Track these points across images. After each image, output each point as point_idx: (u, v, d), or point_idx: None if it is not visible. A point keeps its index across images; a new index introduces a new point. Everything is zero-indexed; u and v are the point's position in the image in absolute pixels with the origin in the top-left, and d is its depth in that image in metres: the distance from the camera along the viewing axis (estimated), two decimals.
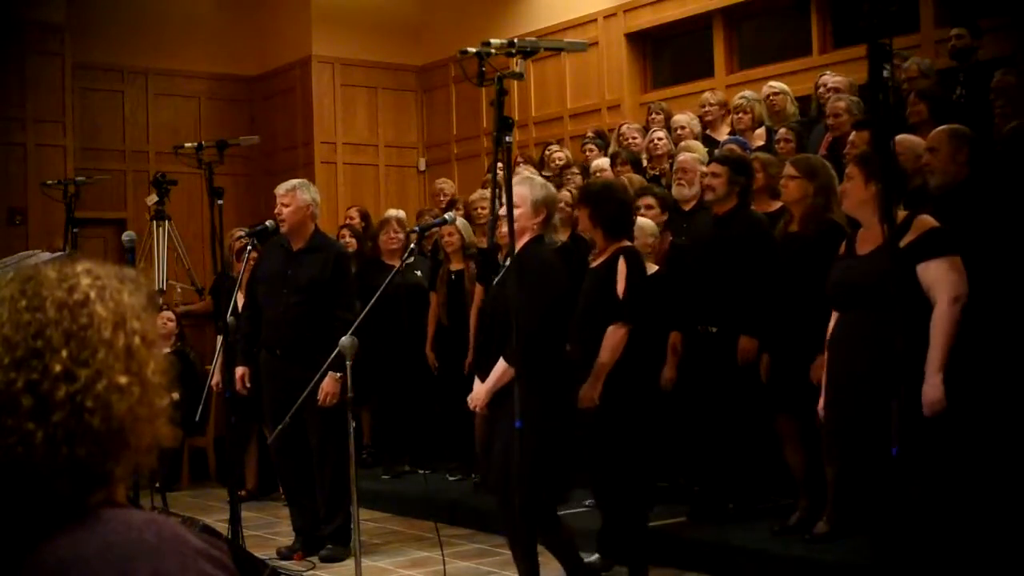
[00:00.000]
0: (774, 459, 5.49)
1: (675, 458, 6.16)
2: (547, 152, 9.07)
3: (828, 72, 7.47)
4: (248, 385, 5.99)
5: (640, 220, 5.69)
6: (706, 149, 7.13)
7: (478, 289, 6.93)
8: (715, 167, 5.66)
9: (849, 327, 4.18)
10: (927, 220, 4.07)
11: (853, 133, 5.84)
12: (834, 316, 4.34)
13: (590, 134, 9.14)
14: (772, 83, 7.62)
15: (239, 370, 5.98)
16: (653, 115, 8.43)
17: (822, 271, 4.84)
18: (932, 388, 3.89)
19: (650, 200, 5.92)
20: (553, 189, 4.67)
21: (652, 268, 5.25)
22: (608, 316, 4.89)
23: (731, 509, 5.54)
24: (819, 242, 4.96)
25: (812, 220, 5.09)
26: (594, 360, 4.89)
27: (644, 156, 7.81)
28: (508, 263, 4.36)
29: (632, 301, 4.87)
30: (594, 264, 5.14)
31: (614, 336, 4.83)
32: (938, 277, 3.95)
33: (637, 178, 6.62)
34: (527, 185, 4.52)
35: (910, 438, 3.38)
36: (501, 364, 4.33)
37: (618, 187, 5.40)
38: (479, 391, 4.46)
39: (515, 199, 4.21)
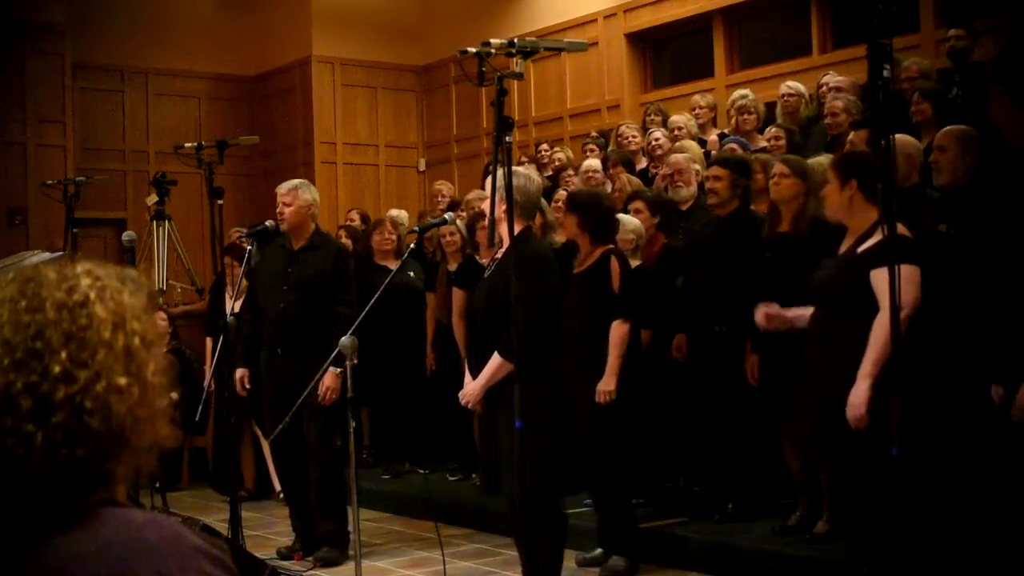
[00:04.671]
0: (774, 459, 5.49)
1: (675, 458, 6.16)
2: (540, 153, 9.07)
3: (832, 72, 7.46)
4: (248, 387, 6.00)
5: (624, 217, 5.78)
6: (701, 150, 7.15)
7: (456, 294, 6.95)
8: (716, 170, 5.65)
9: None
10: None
11: (852, 133, 5.84)
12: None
13: (594, 134, 9.14)
14: (788, 83, 7.57)
15: (239, 372, 5.99)
16: (651, 116, 8.44)
17: (808, 272, 4.83)
18: (857, 395, 3.85)
19: (639, 204, 5.95)
20: (526, 179, 4.58)
21: (634, 263, 5.42)
22: (603, 315, 5.15)
23: (731, 509, 5.54)
24: (812, 242, 4.95)
25: (803, 220, 5.10)
26: (591, 358, 5.10)
27: (644, 156, 7.83)
28: (500, 256, 4.37)
29: (629, 297, 5.17)
30: (580, 269, 5.27)
31: (619, 332, 5.14)
32: (884, 285, 3.92)
33: (636, 180, 6.63)
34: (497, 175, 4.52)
35: (908, 439, 3.39)
36: (496, 359, 4.32)
37: (604, 194, 5.67)
38: (473, 387, 4.45)
39: (487, 190, 4.21)
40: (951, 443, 4.28)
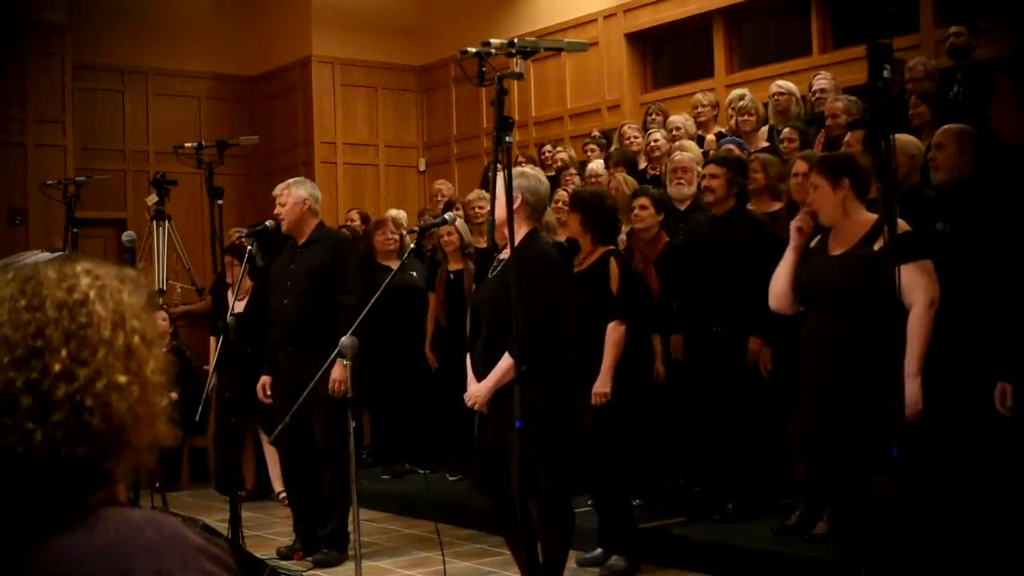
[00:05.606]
0: (774, 459, 5.50)
1: (675, 458, 6.16)
2: (544, 154, 9.07)
3: (821, 73, 7.49)
4: (269, 393, 5.97)
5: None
6: (700, 150, 7.16)
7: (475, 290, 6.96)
8: (713, 168, 5.67)
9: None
10: (899, 224, 4.09)
11: (848, 134, 5.84)
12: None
13: (596, 133, 9.14)
14: (779, 83, 7.60)
15: (263, 379, 5.98)
16: (652, 116, 8.44)
17: None
18: (910, 392, 3.89)
19: (644, 201, 5.95)
20: (535, 180, 4.59)
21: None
22: (602, 316, 5.17)
23: (731, 509, 5.54)
24: None
25: None
26: (591, 359, 5.10)
27: (643, 157, 7.83)
28: (504, 256, 4.37)
29: (627, 299, 5.18)
30: (580, 268, 5.29)
31: (615, 333, 5.15)
32: (913, 281, 3.94)
33: (632, 180, 6.63)
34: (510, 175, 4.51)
35: (905, 439, 3.39)
36: (506, 360, 4.31)
37: (607, 195, 5.68)
38: (480, 388, 4.45)
39: (498, 191, 4.20)
40: (951, 442, 4.28)
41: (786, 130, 6.83)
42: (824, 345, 4.17)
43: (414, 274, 7.60)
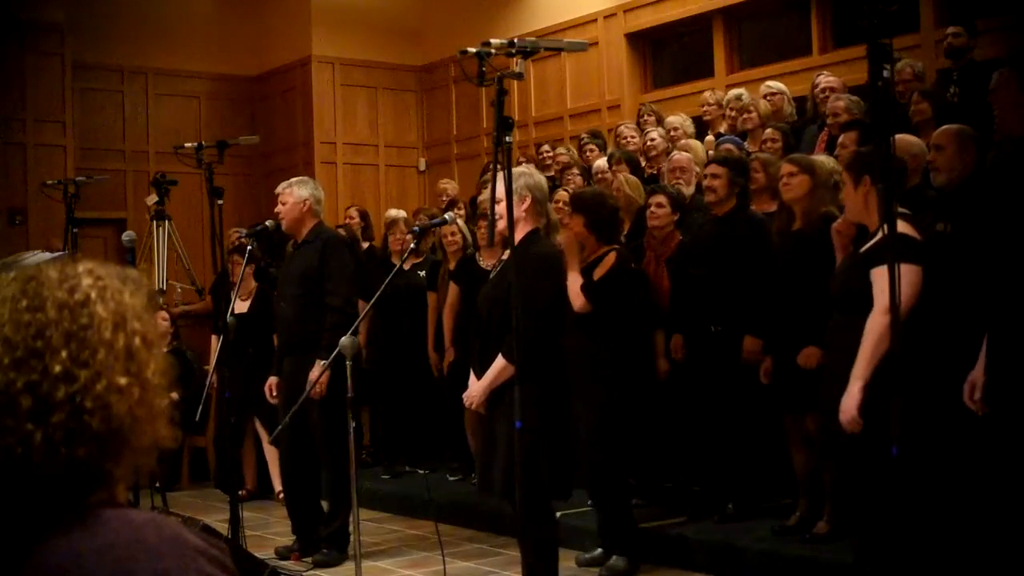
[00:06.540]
0: (774, 459, 5.50)
1: (675, 458, 6.16)
2: (542, 155, 9.04)
3: (824, 72, 7.48)
4: (275, 394, 5.97)
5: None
6: (703, 150, 7.16)
7: (451, 288, 6.98)
8: (715, 168, 5.66)
9: (830, 327, 4.28)
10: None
11: (842, 135, 5.83)
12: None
13: (585, 135, 9.11)
14: (769, 83, 7.64)
15: (271, 380, 5.99)
16: (645, 116, 8.44)
17: (824, 268, 4.87)
18: (848, 398, 3.87)
19: (661, 199, 5.93)
20: (538, 177, 4.61)
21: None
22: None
23: (731, 509, 5.54)
24: (820, 239, 4.96)
25: (815, 217, 5.11)
26: (588, 358, 5.08)
27: (641, 156, 7.83)
28: (506, 257, 4.37)
29: (605, 288, 5.11)
30: (581, 267, 5.28)
31: (581, 299, 5.03)
32: (880, 284, 3.90)
33: (633, 179, 6.64)
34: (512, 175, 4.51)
35: (909, 440, 3.38)
36: (500, 361, 4.31)
37: (608, 195, 5.67)
38: (476, 388, 4.44)
39: (498, 192, 4.18)
40: (952, 443, 4.28)
41: (768, 131, 6.78)
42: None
43: (421, 274, 7.60)
